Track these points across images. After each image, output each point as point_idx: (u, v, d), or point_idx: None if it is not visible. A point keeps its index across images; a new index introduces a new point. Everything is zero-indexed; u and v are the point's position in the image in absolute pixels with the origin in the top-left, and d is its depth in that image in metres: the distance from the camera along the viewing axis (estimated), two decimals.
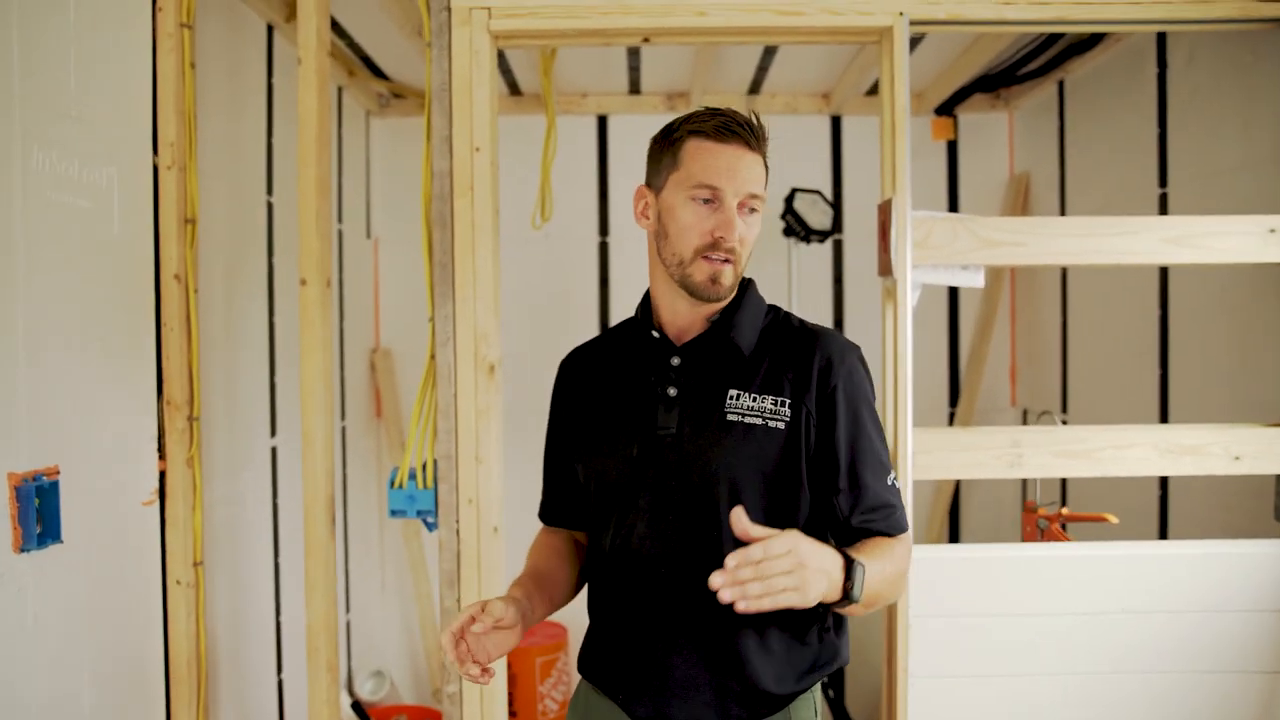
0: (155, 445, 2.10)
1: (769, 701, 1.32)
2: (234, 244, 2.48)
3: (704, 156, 1.30)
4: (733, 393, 1.33)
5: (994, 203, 3.77)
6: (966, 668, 2.13)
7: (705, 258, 1.31)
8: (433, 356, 2.14)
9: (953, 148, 3.79)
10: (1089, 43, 2.96)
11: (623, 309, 3.81)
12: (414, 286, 3.76)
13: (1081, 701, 2.12)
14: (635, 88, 3.68)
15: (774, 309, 1.44)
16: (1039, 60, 3.21)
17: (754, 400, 1.32)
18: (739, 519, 1.11)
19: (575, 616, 3.85)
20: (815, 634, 1.34)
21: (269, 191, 2.69)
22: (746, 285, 1.42)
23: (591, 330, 3.80)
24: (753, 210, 1.32)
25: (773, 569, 1.08)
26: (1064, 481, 3.24)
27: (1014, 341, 3.81)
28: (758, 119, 1.33)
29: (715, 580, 1.07)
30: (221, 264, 2.40)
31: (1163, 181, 2.74)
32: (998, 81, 3.46)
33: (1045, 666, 2.13)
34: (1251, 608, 2.12)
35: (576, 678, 3.76)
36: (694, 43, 2.16)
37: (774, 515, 1.30)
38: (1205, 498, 2.59)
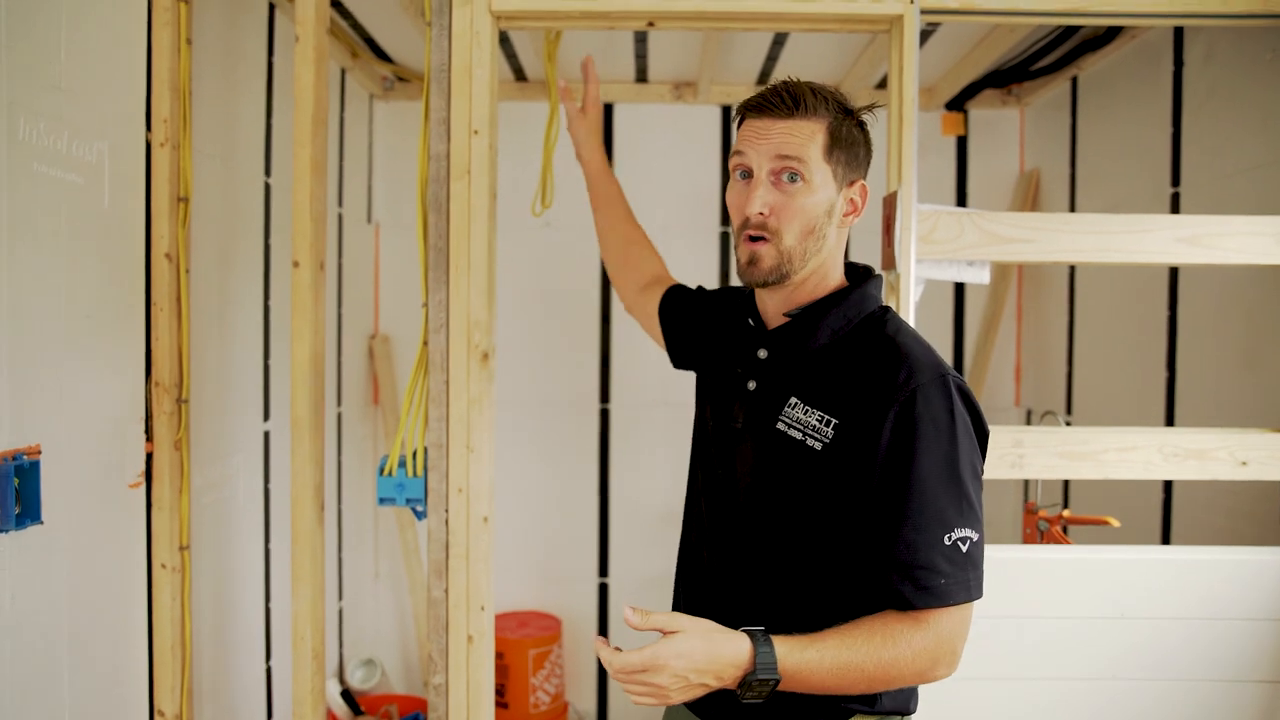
0: (142, 427, 2.07)
1: (798, 713, 1.25)
2: (229, 225, 2.45)
3: (741, 130, 1.28)
4: (792, 400, 1.25)
5: (1003, 199, 3.72)
6: (962, 670, 2.09)
7: (748, 238, 1.25)
8: (425, 343, 2.10)
9: (962, 143, 3.74)
10: (1104, 38, 2.91)
11: None
12: (414, 273, 3.72)
13: (1078, 707, 2.09)
14: (642, 76, 3.63)
15: (881, 312, 1.30)
16: (1052, 56, 3.16)
17: (804, 413, 1.22)
18: (628, 617, 1.10)
19: (569, 609, 3.85)
20: None
21: (267, 173, 2.66)
22: (863, 279, 1.31)
23: (592, 322, 3.76)
24: (793, 178, 1.21)
25: (629, 683, 1.09)
26: (1066, 483, 3.20)
27: (1019, 341, 3.77)
28: (799, 83, 1.26)
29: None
30: (215, 244, 2.36)
31: (1175, 181, 2.69)
32: (1009, 77, 3.41)
33: (1042, 671, 2.09)
34: (1254, 616, 2.07)
35: (570, 670, 3.76)
36: (699, 28, 2.11)
37: (803, 541, 1.23)
38: (1210, 503, 2.55)
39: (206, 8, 2.24)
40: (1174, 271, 2.71)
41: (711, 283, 3.77)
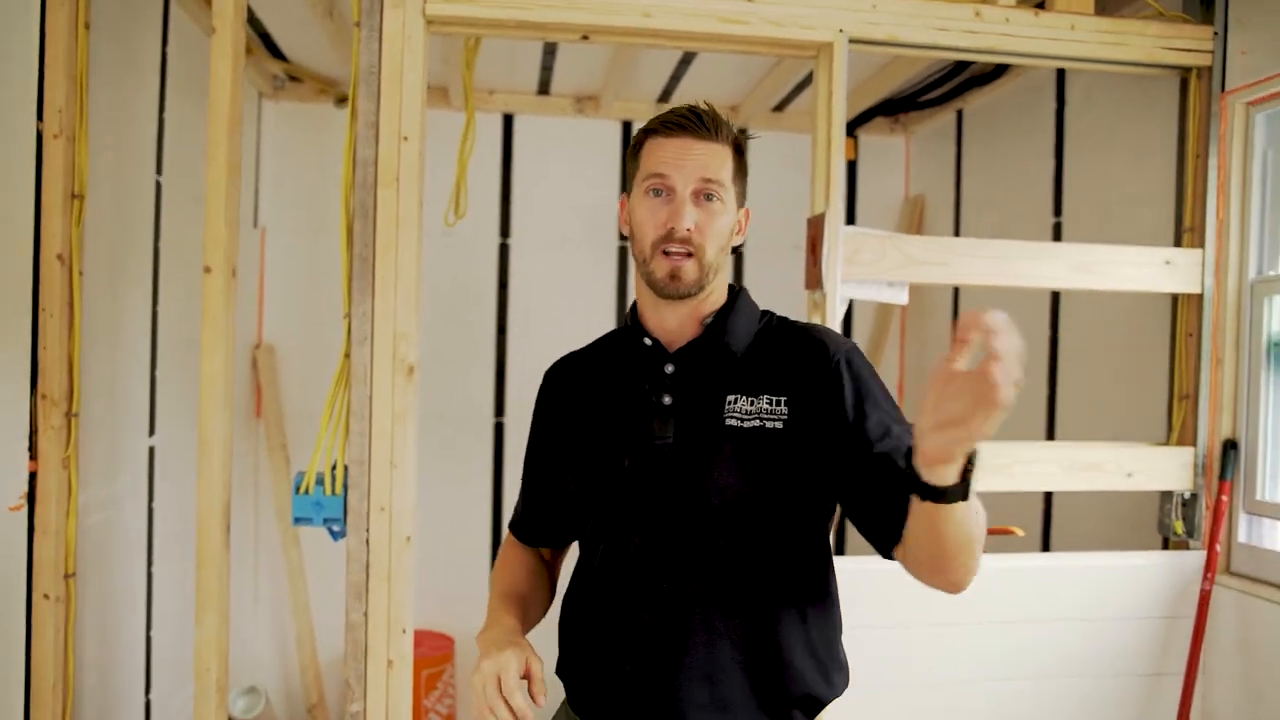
0: (26, 444, 1.89)
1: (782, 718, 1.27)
2: (120, 225, 2.27)
3: (656, 150, 1.30)
4: (730, 398, 1.28)
5: (890, 222, 3.89)
6: (875, 679, 2.16)
7: (664, 252, 1.27)
8: (347, 355, 2.01)
9: (852, 168, 3.89)
10: (990, 75, 3.10)
11: (521, 312, 3.72)
12: (302, 280, 3.58)
13: (981, 707, 2.19)
14: (545, 88, 3.61)
15: (768, 314, 1.40)
16: (941, 89, 3.34)
17: (751, 404, 1.27)
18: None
19: (463, 626, 3.74)
20: (827, 651, 1.31)
21: (158, 170, 2.48)
22: (738, 292, 1.38)
23: (488, 333, 3.70)
24: (711, 198, 1.27)
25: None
26: None
27: (903, 360, 3.94)
28: (712, 108, 1.31)
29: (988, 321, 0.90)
30: (105, 246, 2.19)
31: (1057, 211, 2.88)
32: (899, 106, 3.58)
33: (950, 674, 2.19)
34: (1137, 615, 2.24)
35: (463, 690, 3.66)
36: (633, 44, 2.12)
37: (788, 516, 1.26)
38: (1088, 510, 2.73)
39: None
40: (1055, 296, 2.90)
41: (609, 294, 3.78)
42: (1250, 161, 2.22)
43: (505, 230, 3.74)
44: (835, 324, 2.12)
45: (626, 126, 3.77)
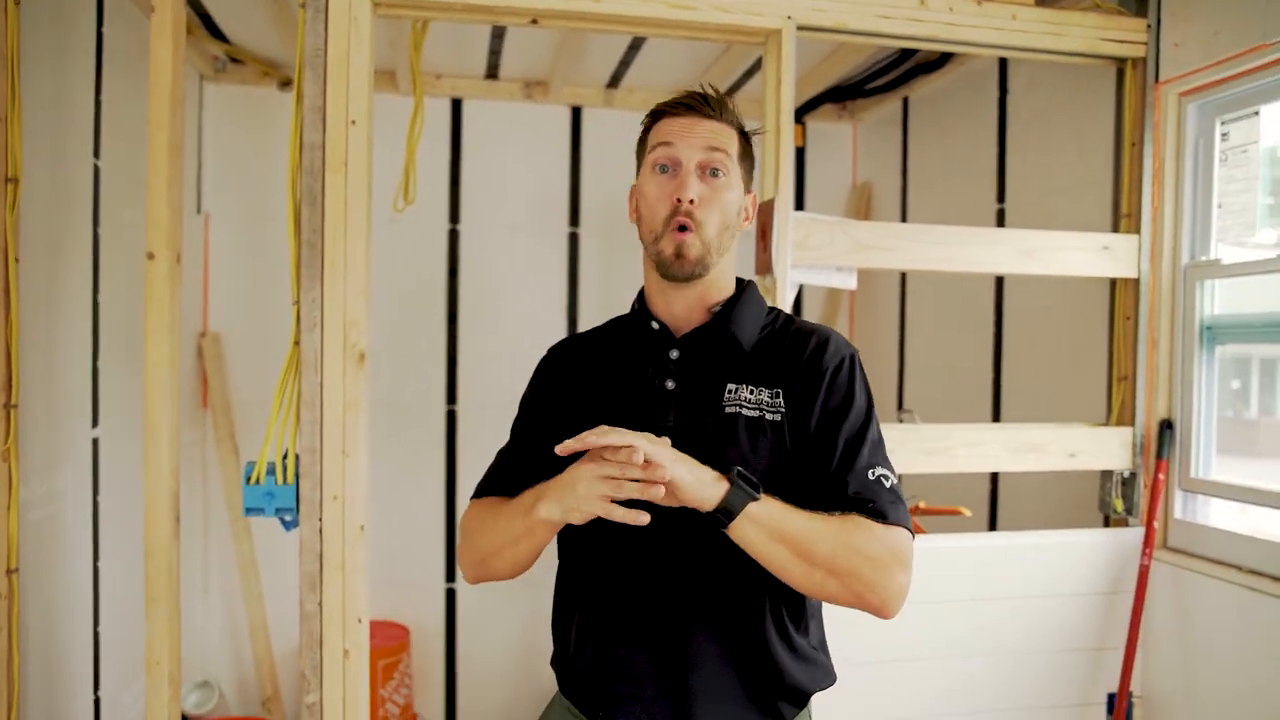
0: None
1: (770, 710, 1.29)
2: (57, 210, 2.21)
3: (663, 127, 1.32)
4: (730, 386, 1.29)
5: (838, 208, 3.93)
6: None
7: (674, 229, 1.28)
8: (296, 343, 1.99)
9: (800, 154, 3.93)
10: (936, 63, 3.14)
11: (471, 299, 3.70)
12: (247, 267, 3.52)
13: (931, 686, 2.25)
14: (493, 73, 3.58)
15: (775, 311, 1.40)
16: (887, 76, 3.38)
17: (751, 393, 1.29)
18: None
19: (417, 617, 3.72)
20: (812, 645, 1.33)
21: (96, 154, 2.42)
22: (746, 285, 1.38)
23: (439, 321, 3.67)
24: (717, 173, 1.28)
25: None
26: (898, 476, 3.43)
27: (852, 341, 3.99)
28: (719, 92, 1.33)
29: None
30: (42, 232, 2.13)
31: (1001, 197, 2.94)
32: (846, 94, 3.61)
33: (902, 653, 2.23)
34: (1079, 591, 2.31)
35: (419, 679, 3.65)
36: (582, 28, 2.11)
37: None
38: (1029, 490, 2.81)
39: None
40: (999, 280, 2.97)
41: (560, 281, 3.77)
42: (1183, 150, 2.29)
43: (455, 216, 3.71)
44: (785, 308, 2.14)
45: (576, 112, 3.76)
